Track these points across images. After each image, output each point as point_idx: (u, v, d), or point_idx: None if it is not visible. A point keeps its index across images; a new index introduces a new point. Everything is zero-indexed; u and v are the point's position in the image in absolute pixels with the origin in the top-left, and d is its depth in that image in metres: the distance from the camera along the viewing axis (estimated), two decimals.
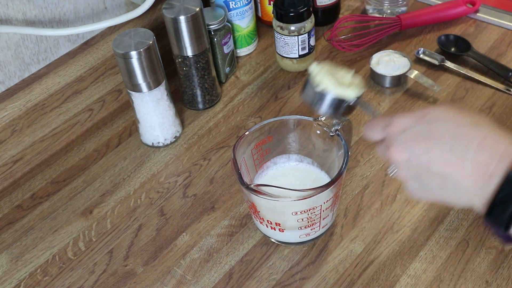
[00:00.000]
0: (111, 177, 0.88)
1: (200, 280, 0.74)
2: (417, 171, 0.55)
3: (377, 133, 0.60)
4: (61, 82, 0.92)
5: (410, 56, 1.00)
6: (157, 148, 0.92)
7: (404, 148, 0.55)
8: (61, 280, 0.76)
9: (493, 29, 1.05)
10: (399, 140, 0.56)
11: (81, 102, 0.96)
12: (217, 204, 0.83)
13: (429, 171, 0.53)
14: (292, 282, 0.73)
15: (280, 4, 0.96)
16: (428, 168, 0.53)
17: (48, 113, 0.92)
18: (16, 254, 0.79)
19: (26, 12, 0.85)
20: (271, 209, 0.70)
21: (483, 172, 0.50)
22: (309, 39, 0.98)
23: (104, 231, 0.81)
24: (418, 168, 0.54)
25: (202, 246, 0.78)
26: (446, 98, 0.94)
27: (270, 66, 1.05)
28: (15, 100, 0.87)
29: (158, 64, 0.84)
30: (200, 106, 0.97)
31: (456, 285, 0.70)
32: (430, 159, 0.53)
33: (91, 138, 0.95)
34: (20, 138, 0.89)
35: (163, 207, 0.83)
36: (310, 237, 0.75)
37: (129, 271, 0.76)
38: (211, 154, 0.90)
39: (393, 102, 0.94)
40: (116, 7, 0.97)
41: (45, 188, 0.88)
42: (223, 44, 0.98)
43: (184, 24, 0.86)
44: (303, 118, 0.76)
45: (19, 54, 0.86)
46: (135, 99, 0.86)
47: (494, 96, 0.93)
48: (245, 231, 0.79)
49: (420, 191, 0.56)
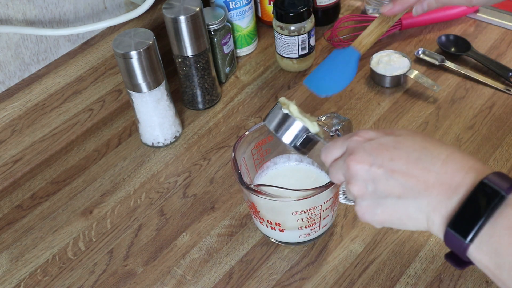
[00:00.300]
0: (111, 177, 0.88)
1: (200, 280, 0.74)
2: (375, 183, 0.52)
3: (337, 148, 0.57)
4: (61, 82, 0.92)
5: (410, 56, 1.00)
6: (157, 148, 0.92)
7: (367, 154, 0.52)
8: (61, 280, 0.76)
9: (493, 29, 1.05)
10: (363, 147, 0.53)
11: (81, 102, 0.96)
12: (217, 204, 0.83)
13: (389, 182, 0.51)
14: (292, 282, 0.73)
15: (280, 4, 0.96)
16: (388, 178, 0.51)
17: (48, 113, 0.92)
18: (16, 254, 0.79)
19: (26, 12, 0.85)
20: (271, 209, 0.70)
21: (449, 184, 0.48)
22: (309, 39, 0.98)
23: (104, 231, 0.81)
24: (378, 178, 0.51)
25: (202, 246, 0.78)
26: (446, 98, 0.94)
27: (270, 66, 1.05)
28: (15, 100, 0.87)
29: (158, 64, 0.84)
30: (200, 106, 0.97)
31: (456, 285, 0.70)
32: (393, 168, 0.51)
33: (91, 138, 0.95)
34: (20, 138, 0.89)
35: (163, 207, 0.83)
36: (310, 237, 0.75)
37: (129, 271, 0.76)
38: (211, 154, 0.90)
39: (393, 102, 0.94)
40: (116, 7, 0.97)
41: (45, 188, 0.88)
42: (223, 44, 0.98)
43: (184, 24, 0.86)
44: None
45: (19, 54, 0.86)
46: (135, 99, 0.86)
47: (494, 96, 0.93)
48: (245, 231, 0.79)
49: (372, 209, 0.53)
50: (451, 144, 0.86)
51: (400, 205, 0.51)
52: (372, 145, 0.53)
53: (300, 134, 0.65)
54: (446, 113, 0.91)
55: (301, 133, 0.65)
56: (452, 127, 0.89)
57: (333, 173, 0.58)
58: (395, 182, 0.51)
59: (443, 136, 0.88)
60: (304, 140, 0.65)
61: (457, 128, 0.89)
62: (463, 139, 0.87)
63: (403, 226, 0.53)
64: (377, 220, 0.53)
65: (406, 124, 0.90)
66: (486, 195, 0.46)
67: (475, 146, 0.86)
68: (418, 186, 0.50)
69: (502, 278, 0.46)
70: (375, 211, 0.53)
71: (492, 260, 0.46)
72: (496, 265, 0.46)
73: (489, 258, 0.46)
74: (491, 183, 0.46)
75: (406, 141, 0.52)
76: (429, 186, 0.49)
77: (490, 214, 0.45)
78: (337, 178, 0.57)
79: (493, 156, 0.84)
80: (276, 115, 0.65)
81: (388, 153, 0.52)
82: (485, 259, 0.46)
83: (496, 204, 0.45)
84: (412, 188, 0.50)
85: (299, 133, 0.65)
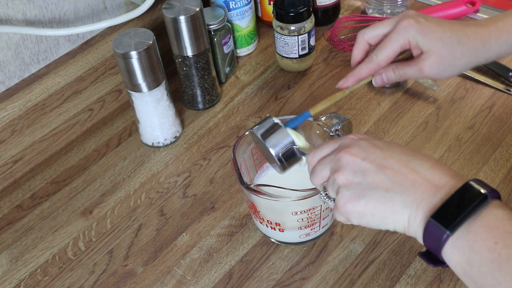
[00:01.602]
0: (111, 177, 0.88)
1: (200, 280, 0.74)
2: (365, 175, 0.54)
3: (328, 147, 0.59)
4: (61, 82, 0.92)
5: None
6: (157, 148, 0.92)
7: (361, 150, 0.55)
8: (61, 280, 0.76)
9: None
10: (358, 144, 0.56)
11: (81, 102, 0.96)
12: (217, 204, 0.83)
13: (378, 175, 0.53)
14: (292, 282, 0.73)
15: (280, 4, 0.96)
16: (378, 172, 0.53)
17: (48, 113, 0.92)
18: (16, 254, 0.79)
19: (26, 12, 0.85)
20: (271, 209, 0.70)
21: (435, 184, 0.51)
22: (309, 39, 0.98)
23: (104, 231, 0.81)
24: (368, 171, 0.54)
25: (202, 246, 0.78)
26: (446, 98, 0.94)
27: (270, 66, 1.05)
28: (15, 100, 0.87)
29: (158, 64, 0.84)
30: (200, 106, 0.97)
31: (456, 285, 0.70)
32: (384, 165, 0.53)
33: (91, 138, 0.95)
34: (20, 138, 0.89)
35: (163, 207, 0.83)
36: (310, 237, 0.75)
37: (129, 271, 0.76)
38: (211, 154, 0.90)
39: (393, 102, 0.94)
40: (116, 7, 0.97)
41: (45, 188, 0.88)
42: (223, 44, 0.98)
43: (184, 24, 0.86)
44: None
45: (19, 54, 0.86)
46: (135, 99, 0.86)
47: (494, 96, 0.93)
48: (245, 231, 0.79)
49: (356, 198, 0.54)
50: (450, 144, 0.86)
51: (387, 198, 0.53)
52: (366, 144, 0.56)
53: (287, 144, 0.65)
54: (446, 113, 0.91)
55: (287, 143, 0.65)
56: (452, 127, 0.89)
57: (318, 170, 0.59)
58: (384, 176, 0.53)
59: (443, 136, 0.88)
60: (288, 151, 0.65)
61: (457, 128, 0.89)
62: (463, 139, 0.87)
63: (382, 222, 0.54)
64: (358, 210, 0.54)
65: (406, 124, 0.90)
66: (471, 193, 0.49)
67: (475, 146, 0.86)
68: (406, 183, 0.52)
69: (471, 275, 0.48)
70: (358, 200, 0.54)
71: (465, 257, 0.48)
72: (467, 261, 0.48)
73: (462, 254, 0.48)
74: (476, 185, 0.50)
75: (397, 147, 0.56)
76: (417, 184, 0.52)
77: (473, 211, 0.48)
78: (321, 175, 0.58)
79: (493, 156, 0.84)
80: (266, 124, 0.67)
81: (381, 152, 0.55)
82: (458, 255, 0.48)
83: (479, 203, 0.48)
84: (400, 183, 0.52)
85: (286, 143, 0.65)
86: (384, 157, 0.54)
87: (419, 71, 0.68)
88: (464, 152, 0.85)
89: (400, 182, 0.52)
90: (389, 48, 0.68)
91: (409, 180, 0.52)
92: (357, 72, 0.71)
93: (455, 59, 0.67)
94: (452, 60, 0.67)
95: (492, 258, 0.46)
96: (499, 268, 0.46)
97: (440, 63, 0.67)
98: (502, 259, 0.46)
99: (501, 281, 0.46)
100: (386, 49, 0.69)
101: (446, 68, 0.68)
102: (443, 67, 0.68)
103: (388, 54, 0.69)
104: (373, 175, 0.53)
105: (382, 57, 0.69)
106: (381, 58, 0.69)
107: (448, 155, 0.85)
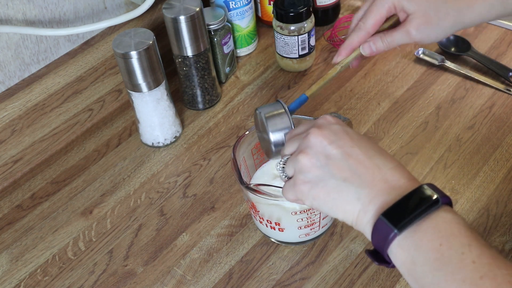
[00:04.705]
0: (111, 177, 0.88)
1: (200, 280, 0.74)
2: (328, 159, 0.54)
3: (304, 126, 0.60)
4: (61, 82, 0.92)
5: (410, 56, 1.00)
6: (157, 148, 0.92)
7: (332, 133, 0.55)
8: (61, 280, 0.76)
9: (493, 29, 1.05)
10: (330, 127, 0.56)
11: (81, 102, 0.96)
12: (217, 204, 0.83)
13: (341, 163, 0.54)
14: (292, 282, 0.73)
15: (280, 4, 0.96)
16: (342, 159, 0.54)
17: (48, 113, 0.92)
18: (16, 254, 0.79)
19: (26, 12, 0.85)
20: (271, 209, 0.71)
21: (392, 184, 0.52)
22: (309, 39, 0.98)
23: (104, 231, 0.81)
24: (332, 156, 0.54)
25: (202, 246, 0.78)
26: (446, 98, 0.94)
27: (270, 66, 1.05)
28: (15, 100, 0.87)
29: (158, 64, 0.84)
30: (200, 106, 0.97)
31: None
32: (350, 153, 0.54)
33: (91, 138, 0.95)
34: (20, 138, 0.89)
35: (163, 207, 0.83)
36: (310, 237, 0.75)
37: (129, 271, 0.76)
38: (211, 154, 0.90)
39: (393, 102, 0.94)
40: (116, 7, 0.97)
41: (45, 188, 0.88)
42: (223, 44, 0.98)
43: (184, 24, 0.86)
44: (303, 118, 0.76)
45: (19, 54, 0.86)
46: (135, 99, 0.86)
47: (494, 96, 0.93)
48: (245, 231, 0.79)
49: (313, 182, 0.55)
50: (450, 144, 0.86)
51: (343, 187, 0.53)
52: (339, 129, 0.56)
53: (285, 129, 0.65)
54: (446, 113, 0.91)
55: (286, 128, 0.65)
56: (452, 127, 0.89)
57: (288, 145, 0.60)
58: (347, 165, 0.53)
59: (443, 136, 0.88)
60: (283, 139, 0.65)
61: (457, 128, 0.89)
62: (463, 139, 0.87)
63: (332, 209, 0.55)
64: (312, 194, 0.55)
65: (406, 124, 0.90)
66: (423, 196, 0.50)
67: (475, 146, 0.86)
68: (365, 176, 0.53)
69: (414, 274, 0.48)
70: (317, 184, 0.55)
71: (409, 256, 0.48)
72: (412, 260, 0.48)
73: (407, 253, 0.49)
74: (429, 189, 0.50)
75: (367, 140, 0.56)
76: (375, 180, 0.53)
77: (422, 213, 0.49)
78: (288, 150, 0.59)
79: (493, 156, 0.84)
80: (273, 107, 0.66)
81: (350, 141, 0.55)
82: (404, 255, 0.49)
83: (430, 206, 0.49)
84: (359, 175, 0.53)
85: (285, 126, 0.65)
86: (351, 146, 0.54)
87: (406, 34, 0.69)
88: (464, 152, 0.85)
89: (360, 174, 0.53)
90: (376, 13, 0.69)
91: (369, 174, 0.53)
92: (348, 42, 0.72)
93: (440, 19, 0.68)
94: (438, 20, 0.68)
95: (435, 258, 0.47)
96: (441, 268, 0.46)
97: (426, 24, 0.68)
98: (444, 259, 0.46)
99: (440, 280, 0.46)
100: (373, 14, 0.70)
101: (433, 29, 0.68)
102: (430, 28, 0.68)
103: (376, 19, 0.70)
104: (336, 162, 0.54)
105: (370, 23, 0.70)
106: (369, 25, 0.70)
107: (448, 155, 0.85)
